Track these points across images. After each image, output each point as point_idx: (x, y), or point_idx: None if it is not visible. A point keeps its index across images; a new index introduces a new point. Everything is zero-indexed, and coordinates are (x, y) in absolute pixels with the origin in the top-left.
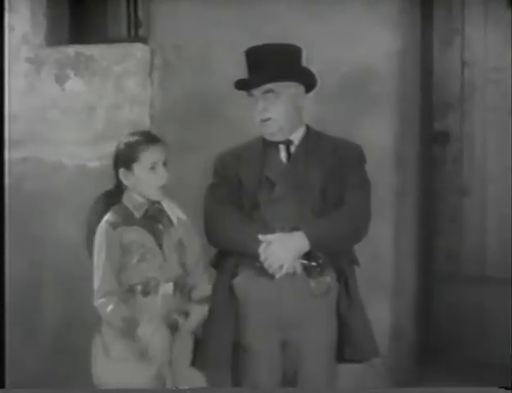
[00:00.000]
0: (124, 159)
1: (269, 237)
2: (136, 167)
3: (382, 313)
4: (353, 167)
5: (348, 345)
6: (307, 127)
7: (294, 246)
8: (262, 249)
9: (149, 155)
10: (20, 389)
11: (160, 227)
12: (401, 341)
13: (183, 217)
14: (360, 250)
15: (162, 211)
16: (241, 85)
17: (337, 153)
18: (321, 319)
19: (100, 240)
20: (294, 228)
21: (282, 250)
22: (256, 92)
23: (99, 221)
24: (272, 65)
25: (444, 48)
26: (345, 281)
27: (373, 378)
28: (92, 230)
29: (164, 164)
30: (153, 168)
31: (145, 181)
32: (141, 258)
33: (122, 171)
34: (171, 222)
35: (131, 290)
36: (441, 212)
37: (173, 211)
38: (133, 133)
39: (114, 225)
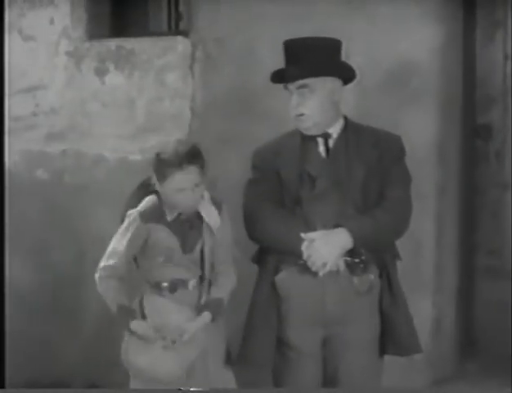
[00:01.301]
0: (156, 170)
1: (312, 234)
2: (165, 184)
3: (423, 308)
4: (394, 161)
5: (390, 340)
6: (346, 119)
7: (338, 243)
8: (305, 247)
9: (175, 181)
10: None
11: (192, 232)
12: (443, 337)
13: (218, 222)
14: (401, 245)
15: (197, 215)
16: (277, 78)
17: (377, 146)
18: (364, 315)
19: (127, 226)
20: (337, 225)
21: (326, 247)
22: (291, 86)
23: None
24: (309, 59)
25: (486, 42)
26: (387, 276)
27: (414, 374)
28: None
29: (197, 185)
30: (181, 190)
31: (173, 199)
32: (167, 259)
33: (154, 178)
34: (206, 226)
35: (157, 286)
36: (483, 207)
37: (211, 216)
38: (173, 147)
39: (144, 219)
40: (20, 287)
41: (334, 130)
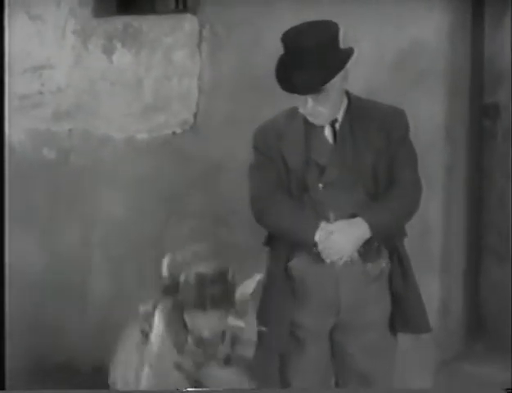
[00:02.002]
0: (182, 294)
1: (329, 226)
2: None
3: (431, 289)
4: (400, 141)
5: (400, 319)
6: (348, 95)
7: (357, 234)
8: (321, 238)
9: (197, 325)
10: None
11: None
12: (450, 317)
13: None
14: (409, 225)
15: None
16: (287, 87)
17: (383, 126)
18: (376, 298)
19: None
20: (352, 215)
21: (345, 240)
22: None
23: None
24: (318, 63)
25: (495, 22)
26: (398, 256)
27: (422, 353)
28: None
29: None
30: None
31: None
32: None
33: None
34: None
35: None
36: (490, 187)
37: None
38: (208, 279)
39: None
40: (22, 270)
41: (340, 114)
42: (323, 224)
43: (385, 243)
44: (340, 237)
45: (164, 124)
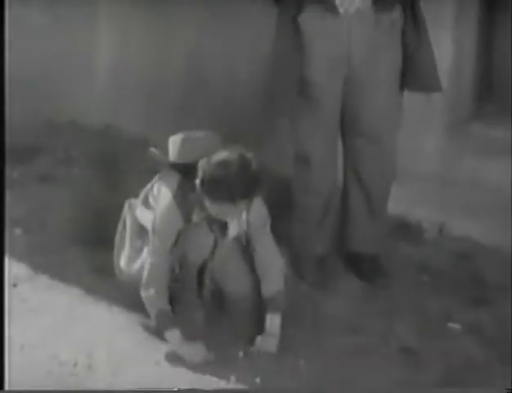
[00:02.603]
0: (204, 183)
1: None
2: (206, 201)
3: (443, 46)
4: None
5: (412, 76)
6: None
7: None
8: None
9: (221, 210)
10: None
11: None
12: (461, 78)
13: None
14: None
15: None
16: None
17: None
18: (387, 51)
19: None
20: None
21: None
22: None
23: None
24: None
25: None
26: (412, 9)
27: (433, 116)
28: None
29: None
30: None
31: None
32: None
33: (198, 183)
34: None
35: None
36: None
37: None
38: (235, 169)
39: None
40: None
41: None
42: None
43: None
44: None
45: None
